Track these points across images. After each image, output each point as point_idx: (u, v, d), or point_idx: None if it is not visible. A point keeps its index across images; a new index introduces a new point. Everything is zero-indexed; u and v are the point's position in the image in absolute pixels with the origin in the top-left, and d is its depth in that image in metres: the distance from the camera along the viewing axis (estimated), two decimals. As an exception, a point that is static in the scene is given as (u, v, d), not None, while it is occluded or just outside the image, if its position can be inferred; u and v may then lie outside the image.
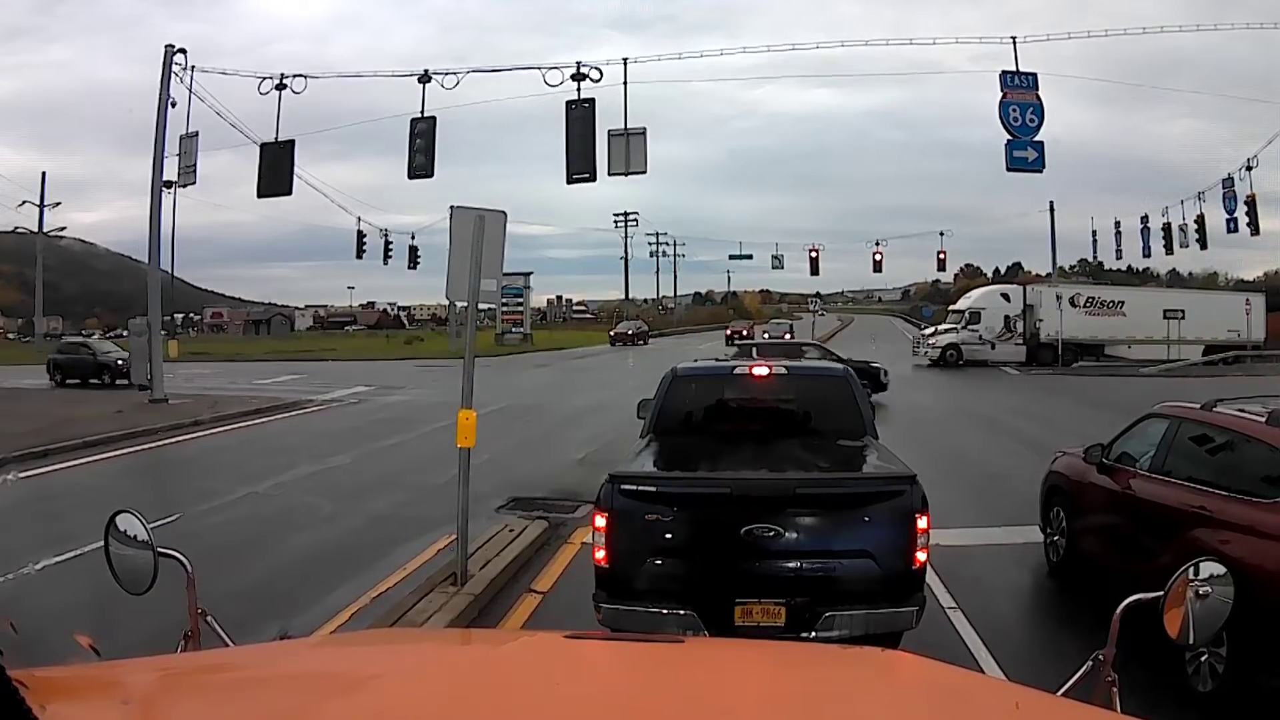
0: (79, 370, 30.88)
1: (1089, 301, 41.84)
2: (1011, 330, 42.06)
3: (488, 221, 7.59)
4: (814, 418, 7.17)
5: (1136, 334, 40.66)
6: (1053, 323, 40.42)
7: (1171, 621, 1.97)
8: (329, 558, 8.74)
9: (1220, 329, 41.20)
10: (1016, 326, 42.07)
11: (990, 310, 42.27)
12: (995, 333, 41.74)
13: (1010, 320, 42.08)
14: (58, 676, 1.47)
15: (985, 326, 41.61)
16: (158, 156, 23.08)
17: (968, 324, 42.22)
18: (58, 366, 31.56)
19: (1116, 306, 41.69)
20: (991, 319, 41.86)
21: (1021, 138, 20.82)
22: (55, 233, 51.55)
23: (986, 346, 41.18)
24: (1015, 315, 42.18)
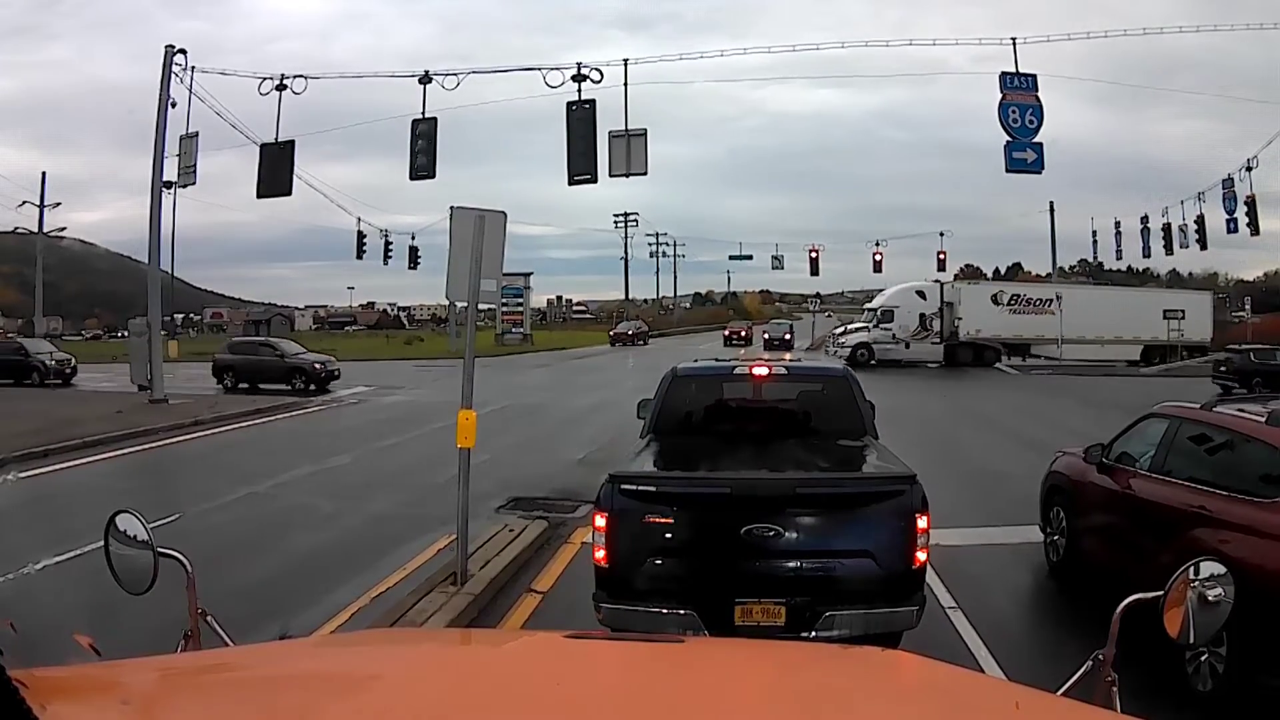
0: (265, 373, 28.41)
1: (1014, 299, 40.68)
2: (927, 329, 40.77)
3: (488, 222, 7.59)
4: (814, 417, 7.18)
5: (1068, 333, 39.38)
6: (973, 321, 39.34)
7: (1171, 621, 1.97)
8: (329, 558, 8.74)
9: (1160, 328, 40.00)
10: (933, 325, 40.81)
11: (904, 308, 40.93)
12: (910, 331, 40.44)
13: (926, 319, 40.86)
14: (58, 676, 1.47)
15: (899, 325, 40.36)
16: (158, 157, 23.09)
17: (879, 322, 41.01)
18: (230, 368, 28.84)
19: (1045, 305, 40.42)
20: (906, 317, 40.55)
21: (1021, 139, 20.81)
22: (55, 233, 51.47)
23: (900, 346, 39.79)
24: (932, 314, 40.91)
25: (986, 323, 39.61)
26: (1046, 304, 40.45)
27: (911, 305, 41.14)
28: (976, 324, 39.48)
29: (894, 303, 42.00)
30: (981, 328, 39.48)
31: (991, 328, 39.49)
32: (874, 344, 40.01)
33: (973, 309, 39.85)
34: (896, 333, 40.35)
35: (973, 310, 39.84)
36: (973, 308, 39.89)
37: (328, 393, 27.64)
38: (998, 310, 40.08)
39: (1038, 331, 40.01)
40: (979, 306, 40.04)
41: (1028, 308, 40.51)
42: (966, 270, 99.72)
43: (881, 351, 39.58)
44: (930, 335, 40.75)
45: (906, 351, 39.48)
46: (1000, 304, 40.32)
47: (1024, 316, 40.25)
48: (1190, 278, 77.32)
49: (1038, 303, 40.59)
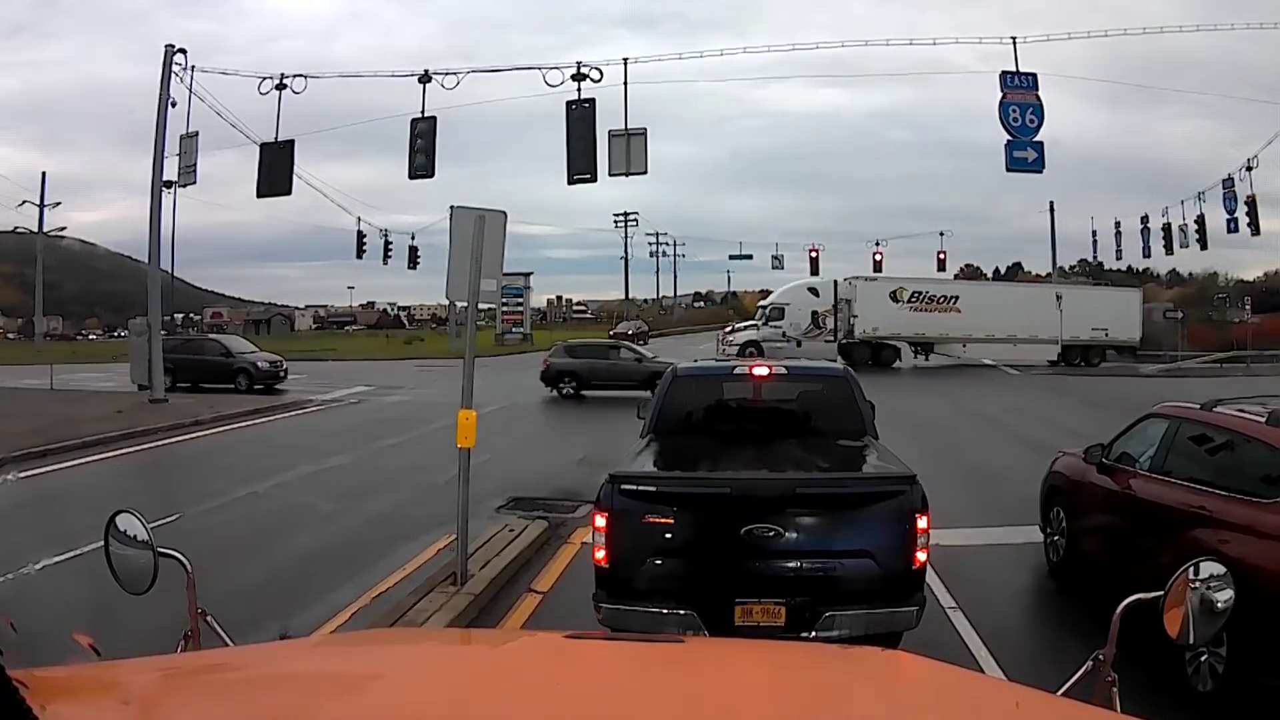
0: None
1: (916, 296, 39.53)
2: (820, 326, 39.91)
3: (488, 221, 7.59)
4: (814, 418, 7.18)
5: (974, 332, 38.37)
6: (870, 319, 38.34)
7: (1171, 621, 1.97)
8: (329, 557, 8.74)
9: (1083, 327, 38.73)
10: (826, 323, 39.98)
11: (795, 305, 40.19)
12: (801, 329, 39.48)
13: (818, 316, 40.03)
14: (58, 676, 1.47)
15: (790, 323, 39.42)
16: (158, 157, 23.10)
17: (769, 320, 40.25)
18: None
19: (950, 302, 39.45)
20: (797, 315, 39.68)
21: (1021, 138, 20.82)
22: (55, 233, 51.54)
23: (791, 344, 38.27)
24: (825, 311, 40.16)
25: (885, 320, 38.49)
26: (951, 301, 39.45)
27: (803, 302, 40.34)
28: (874, 322, 38.43)
29: (784, 300, 41.24)
30: (879, 325, 38.38)
31: (891, 325, 38.38)
32: (763, 342, 38.84)
33: (870, 306, 38.80)
34: (787, 330, 39.35)
35: (870, 307, 38.77)
36: (870, 305, 38.85)
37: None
38: (897, 307, 38.97)
39: (942, 330, 38.89)
40: (877, 304, 38.92)
41: (930, 305, 39.37)
42: (966, 270, 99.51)
43: (771, 350, 37.75)
44: (823, 333, 39.75)
45: (798, 350, 37.59)
46: (900, 301, 39.19)
47: (926, 314, 39.11)
48: (1191, 278, 77.49)
49: (941, 300, 39.45)
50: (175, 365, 26.26)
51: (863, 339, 38.57)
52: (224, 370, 27.77)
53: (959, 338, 38.84)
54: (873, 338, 38.46)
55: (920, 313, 39.23)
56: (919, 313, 39.24)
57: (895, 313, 38.82)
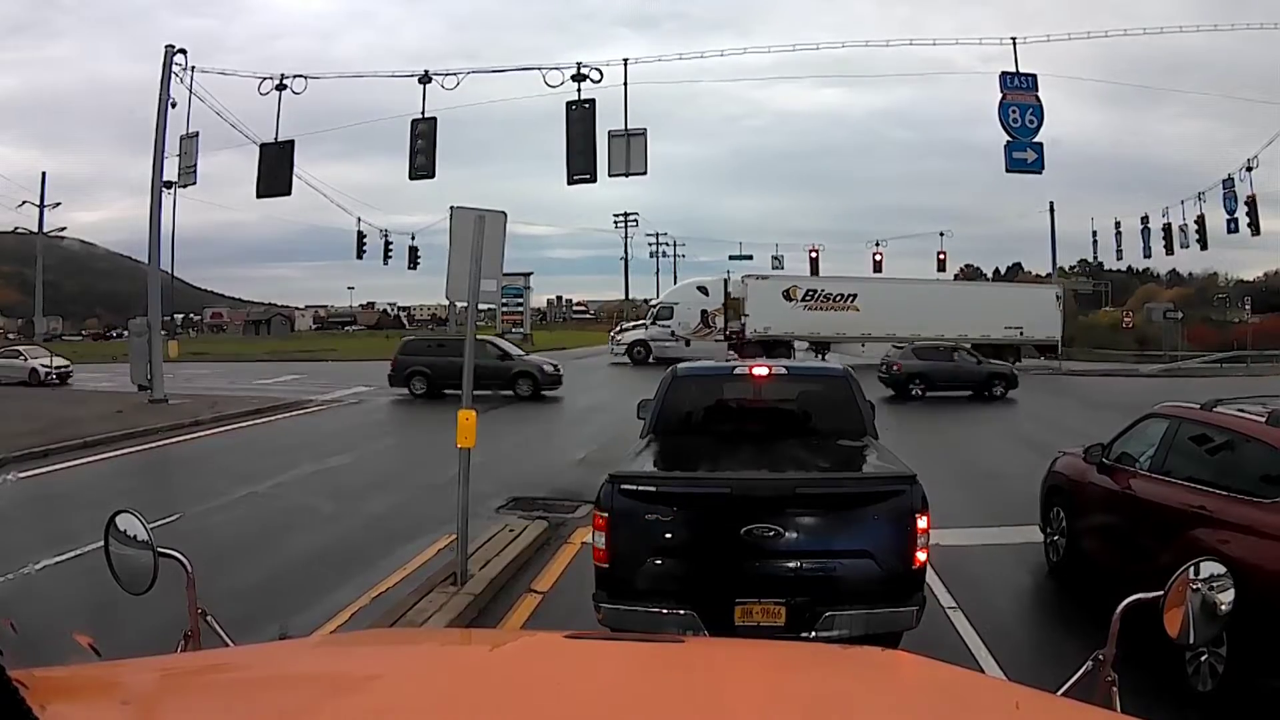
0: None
1: (810, 295, 39.08)
2: (709, 326, 39.48)
3: (488, 222, 7.59)
4: (813, 418, 7.18)
5: (873, 330, 37.57)
6: (762, 318, 37.74)
7: (1171, 621, 1.97)
8: (329, 558, 8.74)
9: (995, 326, 37.97)
10: (715, 322, 39.57)
11: (685, 305, 39.73)
12: (691, 329, 39.02)
13: (708, 315, 39.58)
14: (58, 676, 1.48)
15: (679, 322, 38.94)
16: (157, 157, 23.09)
17: (657, 319, 39.87)
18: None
19: (847, 300, 38.86)
20: (686, 314, 39.19)
21: (1021, 139, 20.80)
22: (55, 233, 51.53)
23: (680, 343, 37.85)
24: (714, 310, 39.79)
25: (777, 319, 37.87)
26: (848, 300, 38.89)
27: (693, 301, 39.95)
28: (765, 321, 37.83)
29: (674, 299, 40.92)
30: (771, 324, 37.70)
31: (783, 325, 37.73)
32: (651, 341, 38.75)
33: (761, 305, 38.34)
34: (676, 330, 38.94)
35: (761, 306, 38.33)
36: (761, 304, 38.40)
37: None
38: (790, 306, 38.57)
39: (838, 329, 38.32)
40: (768, 302, 38.43)
41: (826, 303, 38.90)
42: (966, 270, 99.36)
43: (659, 349, 37.99)
44: (713, 332, 39.33)
45: (687, 349, 37.14)
46: (794, 300, 38.77)
47: (822, 313, 38.63)
48: (1191, 278, 77.48)
49: (838, 298, 38.89)
50: (431, 370, 24.46)
51: (754, 338, 37.86)
52: (501, 375, 24.27)
53: (857, 336, 38.29)
54: (764, 336, 37.57)
55: (815, 311, 38.76)
56: (814, 311, 38.78)
57: (788, 311, 38.36)
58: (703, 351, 36.76)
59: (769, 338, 37.34)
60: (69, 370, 32.53)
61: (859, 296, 38.93)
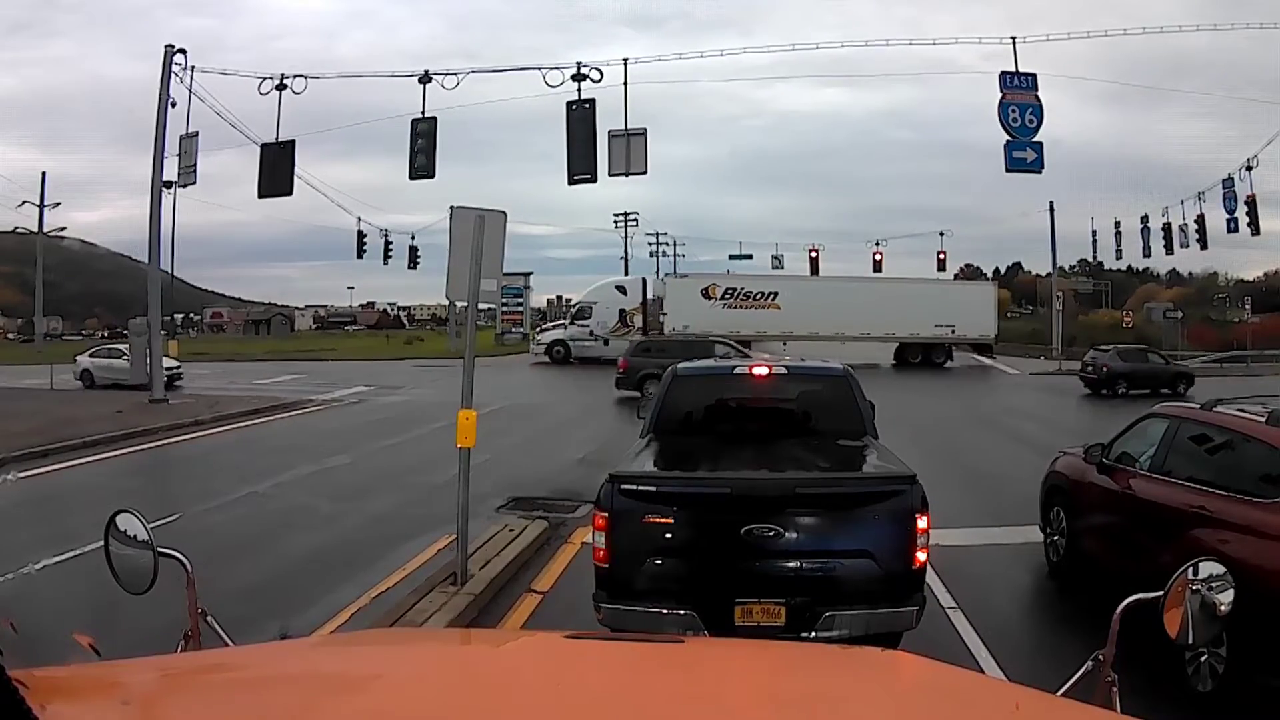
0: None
1: (730, 293, 39.14)
2: (628, 325, 39.61)
3: (488, 221, 7.59)
4: (814, 418, 7.17)
5: (795, 329, 37.54)
6: (681, 316, 37.75)
7: (1171, 621, 1.97)
8: (329, 558, 8.74)
9: (924, 325, 37.76)
10: (634, 321, 39.73)
11: (603, 304, 39.88)
12: (609, 328, 39.20)
13: (626, 314, 39.75)
14: (58, 676, 1.48)
15: (597, 321, 39.09)
16: (157, 157, 23.10)
17: (575, 319, 40.13)
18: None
19: (768, 298, 38.89)
20: (605, 314, 39.33)
21: (1021, 138, 20.81)
22: (55, 233, 51.49)
23: (599, 343, 38.27)
24: (633, 309, 39.94)
25: (697, 318, 37.71)
26: (769, 298, 38.87)
27: (611, 301, 40.07)
28: (684, 319, 37.76)
29: (592, 299, 40.99)
30: (690, 323, 37.53)
31: (702, 323, 37.29)
32: (570, 341, 39.03)
33: (680, 304, 38.43)
34: (595, 329, 39.07)
35: (680, 305, 38.39)
36: (680, 302, 38.48)
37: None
38: (709, 305, 38.57)
39: (759, 327, 38.13)
40: (687, 301, 38.48)
41: (746, 302, 38.97)
42: (966, 270, 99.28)
43: (579, 349, 38.51)
44: (631, 331, 39.31)
45: (606, 349, 37.34)
46: (713, 298, 38.83)
47: (742, 311, 38.59)
48: (1191, 278, 77.49)
49: (758, 296, 38.94)
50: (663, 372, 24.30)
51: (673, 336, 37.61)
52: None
53: (778, 335, 38.14)
54: (683, 335, 37.30)
55: (735, 310, 38.73)
56: (733, 310, 38.73)
57: (707, 310, 38.34)
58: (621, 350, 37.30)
59: (688, 336, 37.13)
60: (179, 371, 29.00)
61: (780, 295, 39.01)
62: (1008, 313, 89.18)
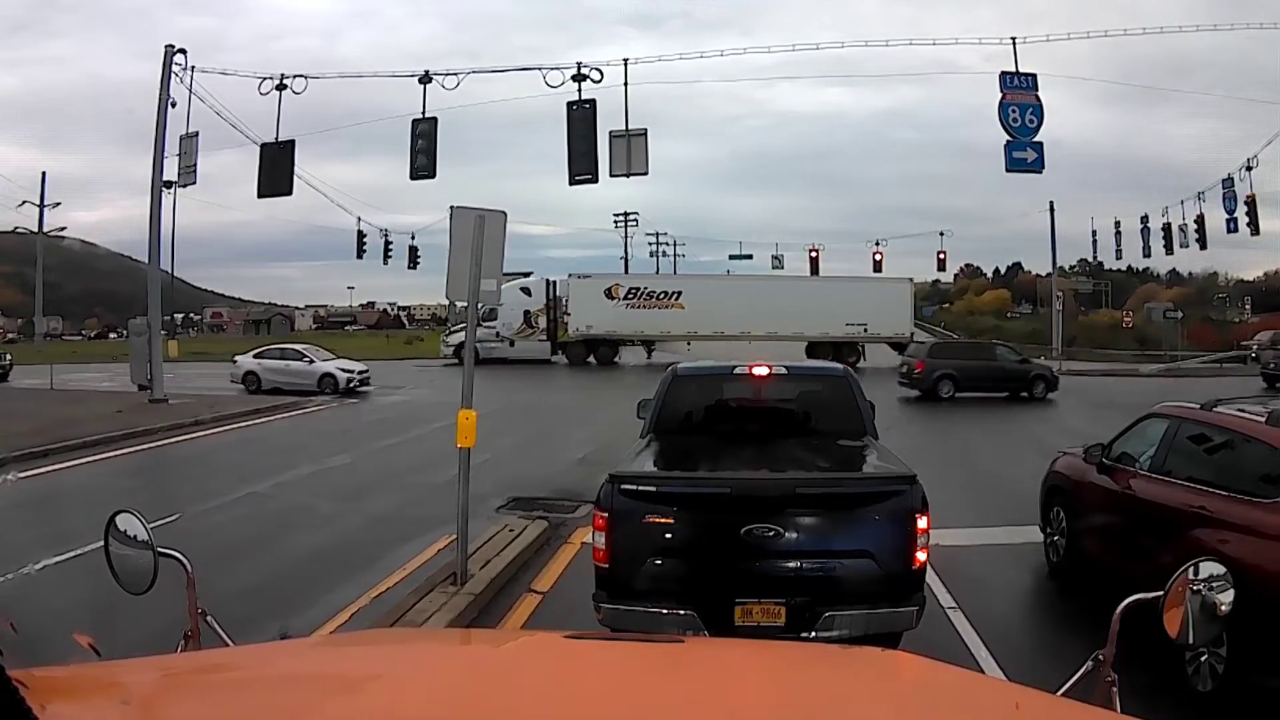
0: None
1: (633, 293, 39.34)
2: (533, 326, 40.15)
3: (488, 221, 7.59)
4: (814, 418, 7.18)
5: (699, 328, 37.46)
6: (584, 317, 38.20)
7: (1171, 621, 1.97)
8: (329, 558, 8.74)
9: (835, 323, 37.60)
10: (538, 322, 40.17)
11: (509, 306, 39.33)
12: (514, 329, 39.67)
13: (531, 315, 40.09)
14: (58, 676, 1.48)
15: (503, 323, 39.30)
16: (157, 157, 23.09)
17: (483, 321, 39.53)
18: None
19: (671, 298, 39.02)
20: (510, 315, 39.43)
21: (1021, 138, 20.79)
22: (55, 233, 51.39)
23: (505, 344, 38.86)
24: (537, 310, 40.27)
25: (600, 318, 38.25)
26: (673, 297, 39.01)
27: (516, 302, 40.05)
28: (588, 320, 38.30)
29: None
30: (594, 323, 38.23)
31: (606, 323, 38.07)
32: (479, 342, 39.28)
33: (583, 304, 38.79)
34: (501, 330, 39.41)
35: (583, 306, 38.75)
36: (583, 303, 38.84)
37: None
38: (613, 305, 38.87)
39: (663, 327, 38.39)
40: (590, 302, 38.78)
41: (649, 302, 39.13)
42: (966, 270, 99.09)
43: (485, 350, 38.08)
44: (536, 332, 40.04)
45: (512, 350, 38.40)
46: (616, 298, 39.11)
47: (645, 311, 38.78)
48: (1191, 278, 77.54)
49: (661, 296, 39.09)
50: (959, 373, 24.87)
51: (577, 337, 38.56)
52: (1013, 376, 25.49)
53: (682, 335, 38.24)
54: (586, 336, 38.23)
55: (638, 310, 38.96)
56: (636, 310, 38.95)
57: (610, 310, 38.64)
58: (527, 351, 38.30)
59: (590, 337, 38.05)
60: (368, 375, 28.42)
61: (684, 295, 39.11)
62: (1008, 313, 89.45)
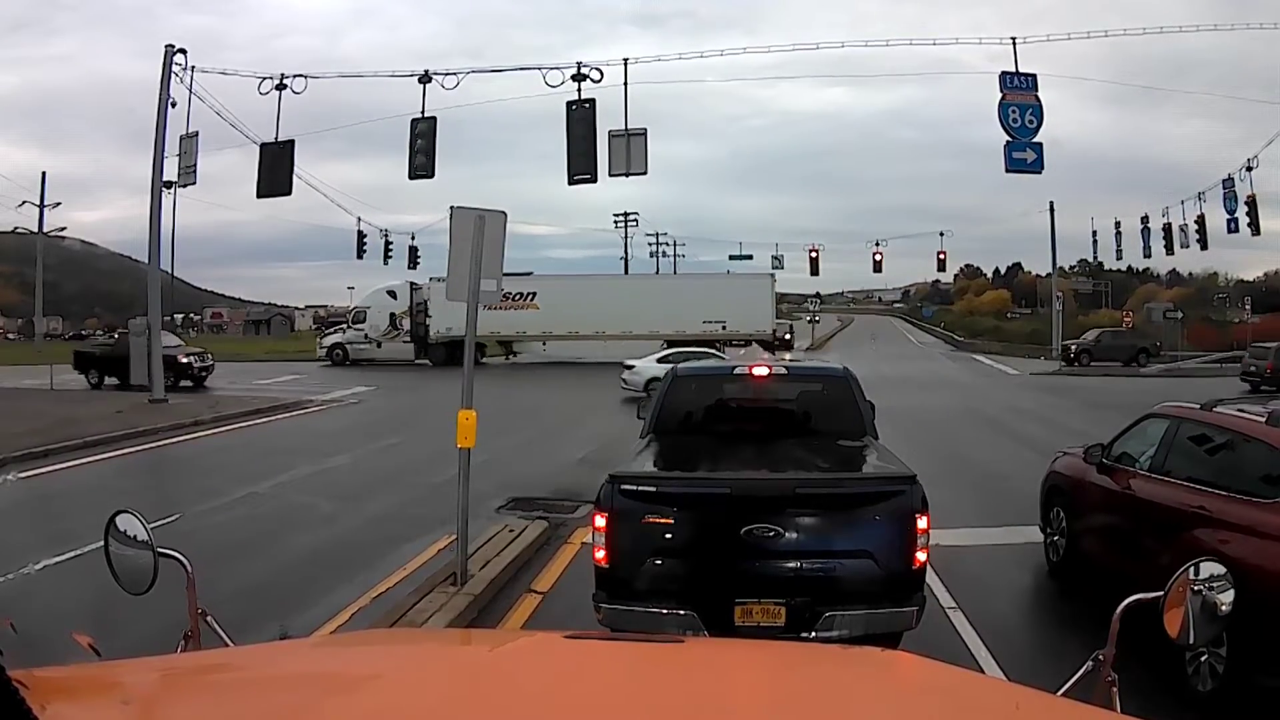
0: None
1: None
2: (397, 328, 41.12)
3: (488, 222, 7.60)
4: (814, 418, 7.18)
5: (554, 328, 38.08)
6: (444, 319, 38.64)
7: (1171, 621, 1.97)
8: (329, 558, 8.74)
9: (691, 321, 37.57)
10: (403, 324, 41.09)
11: (376, 308, 41.36)
12: (381, 331, 40.89)
13: (396, 318, 41.13)
14: (58, 676, 1.47)
15: (371, 325, 40.73)
16: (157, 157, 23.08)
17: (353, 323, 41.76)
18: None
19: (526, 299, 39.39)
20: (377, 317, 40.85)
21: (1021, 139, 20.77)
22: (55, 233, 51.41)
23: (373, 345, 40.30)
24: (402, 313, 41.20)
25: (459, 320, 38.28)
26: (527, 298, 39.39)
27: (383, 305, 41.34)
28: (448, 321, 38.59)
29: (367, 304, 42.49)
30: (453, 325, 38.13)
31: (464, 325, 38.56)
32: (348, 344, 40.83)
33: (444, 307, 38.31)
34: (369, 332, 40.70)
35: (444, 308, 38.51)
36: (444, 305, 37.88)
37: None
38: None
39: (519, 327, 38.72)
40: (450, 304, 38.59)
41: (505, 303, 38.63)
42: (966, 270, 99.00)
43: (355, 351, 40.26)
44: (401, 334, 40.98)
45: (379, 351, 39.75)
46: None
47: (502, 312, 38.55)
48: (1191, 278, 77.58)
49: (517, 297, 39.30)
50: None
51: (438, 339, 39.27)
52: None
53: (538, 335, 38.79)
54: (447, 337, 38.78)
55: (495, 311, 38.83)
56: (493, 311, 38.84)
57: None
58: (393, 353, 39.52)
59: (451, 338, 38.45)
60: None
61: (539, 295, 39.52)
62: (1008, 313, 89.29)
